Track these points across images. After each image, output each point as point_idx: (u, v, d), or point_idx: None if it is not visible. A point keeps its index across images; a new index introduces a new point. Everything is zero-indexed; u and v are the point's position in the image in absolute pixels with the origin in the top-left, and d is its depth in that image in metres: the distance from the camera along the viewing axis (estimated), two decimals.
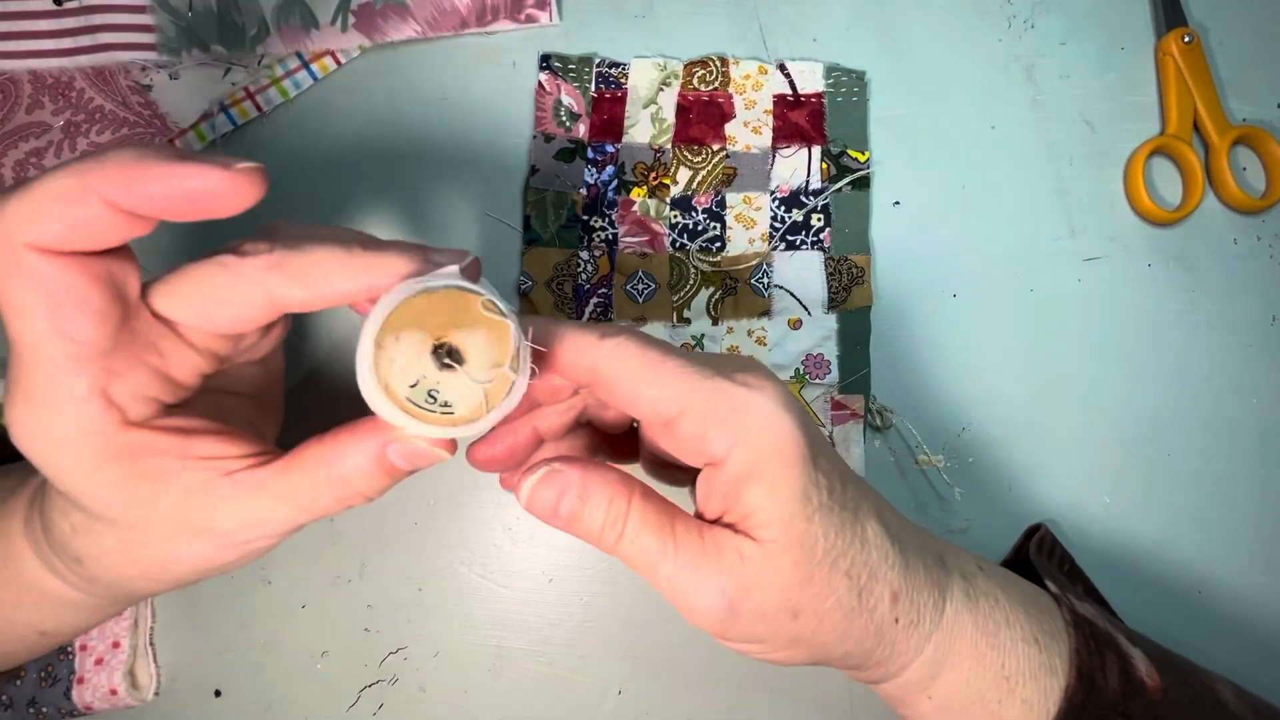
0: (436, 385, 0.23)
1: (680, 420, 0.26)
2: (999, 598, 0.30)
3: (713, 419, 0.25)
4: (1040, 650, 0.29)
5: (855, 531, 0.26)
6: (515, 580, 0.40)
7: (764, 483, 0.25)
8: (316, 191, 0.42)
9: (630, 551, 0.26)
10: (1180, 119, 0.43)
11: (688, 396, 0.25)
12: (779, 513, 0.25)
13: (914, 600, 0.27)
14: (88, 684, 0.38)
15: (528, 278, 0.41)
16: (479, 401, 0.23)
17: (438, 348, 0.23)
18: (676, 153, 0.43)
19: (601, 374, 0.26)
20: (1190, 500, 0.41)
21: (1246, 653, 0.40)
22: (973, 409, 0.41)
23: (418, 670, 0.39)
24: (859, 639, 0.27)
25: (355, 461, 0.25)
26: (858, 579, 0.26)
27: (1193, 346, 0.42)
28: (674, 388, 0.25)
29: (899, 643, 0.27)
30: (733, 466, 0.25)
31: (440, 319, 0.23)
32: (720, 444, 0.25)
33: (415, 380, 0.23)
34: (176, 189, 0.21)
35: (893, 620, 0.27)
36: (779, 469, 0.25)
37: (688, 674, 0.39)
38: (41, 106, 0.41)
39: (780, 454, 0.25)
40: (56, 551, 0.27)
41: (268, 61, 0.42)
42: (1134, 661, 0.29)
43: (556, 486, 0.26)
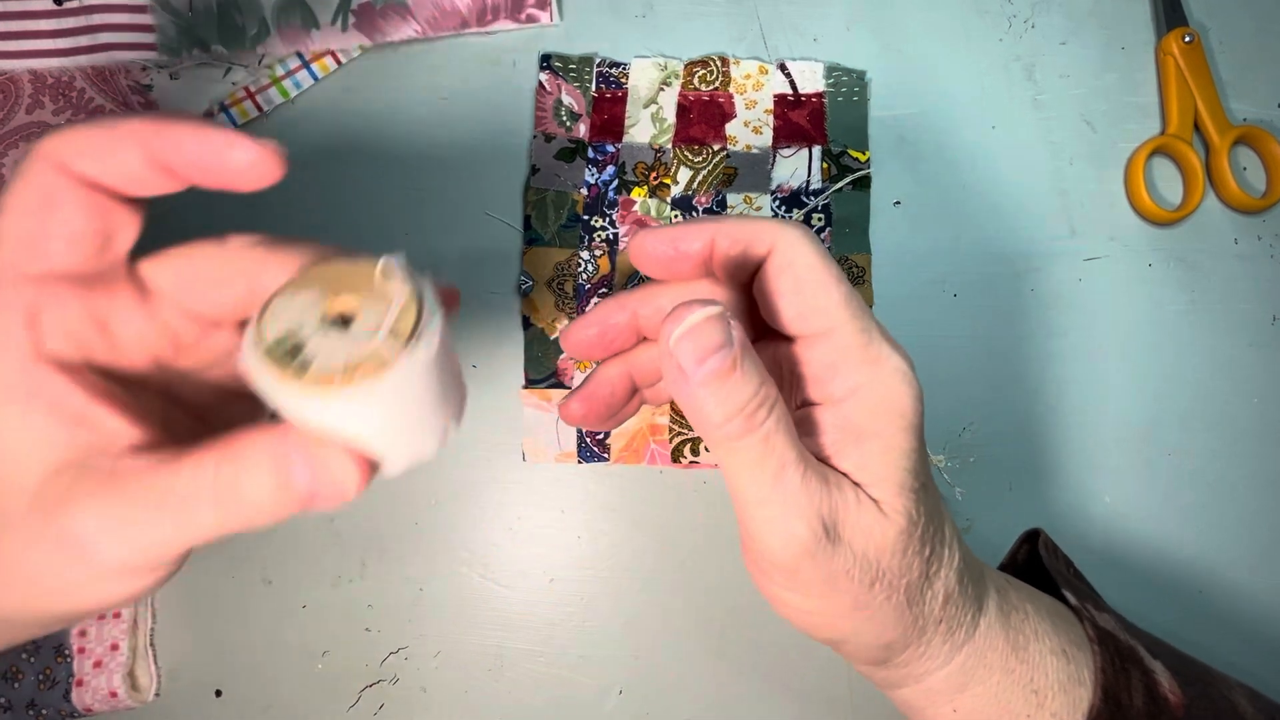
0: (308, 341, 0.20)
1: (819, 341, 0.25)
2: (1028, 611, 0.29)
3: (851, 357, 0.24)
4: (1069, 662, 0.28)
5: (938, 523, 0.26)
6: (516, 580, 0.40)
7: (880, 442, 0.24)
8: (317, 191, 0.42)
9: (752, 452, 0.23)
10: (1181, 119, 0.43)
11: (838, 323, 0.24)
12: (891, 476, 0.24)
13: (959, 607, 0.27)
14: (87, 686, 0.37)
15: (528, 277, 0.41)
16: (339, 364, 0.19)
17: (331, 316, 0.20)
18: (677, 152, 0.43)
19: (774, 257, 0.25)
20: (1190, 500, 0.41)
21: (1248, 653, 0.40)
22: (973, 409, 0.41)
23: (418, 670, 0.39)
24: (904, 631, 0.26)
25: (252, 461, 0.20)
26: (930, 569, 0.26)
27: (1193, 346, 0.42)
28: (831, 308, 0.25)
29: (932, 645, 0.27)
30: (850, 413, 0.24)
31: (345, 282, 0.21)
32: (845, 385, 0.25)
33: (286, 333, 0.20)
34: (215, 156, 0.22)
35: (937, 621, 0.27)
36: (898, 434, 0.24)
37: (688, 674, 0.39)
38: (42, 106, 0.41)
39: (903, 419, 0.24)
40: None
41: (268, 61, 0.42)
42: (1157, 677, 0.29)
43: (716, 336, 0.22)
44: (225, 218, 0.42)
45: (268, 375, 0.19)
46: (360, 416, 0.20)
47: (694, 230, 0.26)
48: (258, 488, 0.20)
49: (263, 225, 0.42)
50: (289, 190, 0.42)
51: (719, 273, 0.27)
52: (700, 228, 0.26)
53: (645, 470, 0.40)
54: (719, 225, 0.26)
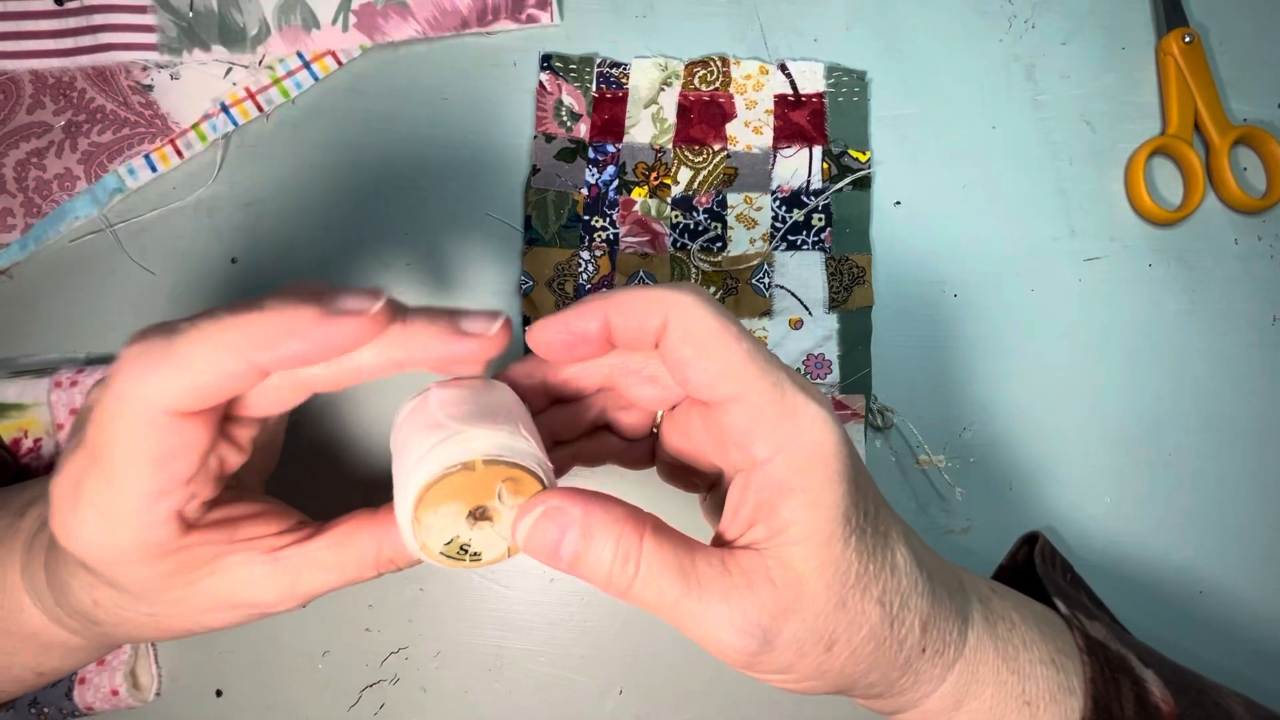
0: (469, 542, 0.25)
1: (733, 406, 0.24)
2: (1015, 620, 0.29)
3: (767, 415, 0.24)
4: (1058, 671, 0.28)
5: (886, 557, 0.25)
6: (516, 580, 0.40)
7: (807, 496, 0.24)
8: (317, 191, 0.42)
9: (647, 596, 0.24)
10: (1181, 119, 0.43)
11: (748, 384, 0.24)
12: (819, 529, 0.24)
13: (940, 629, 0.27)
14: (89, 684, 0.38)
15: (528, 278, 0.41)
16: (504, 552, 0.25)
17: (473, 511, 0.24)
18: (677, 153, 0.43)
19: (669, 328, 0.24)
20: (1190, 500, 0.41)
21: (1248, 653, 0.40)
22: (973, 409, 0.41)
23: (419, 670, 0.39)
24: (886, 669, 0.26)
25: (404, 544, 0.25)
26: (890, 607, 0.25)
27: (1193, 346, 0.42)
28: (738, 370, 0.24)
29: (924, 672, 0.27)
30: (775, 472, 0.24)
31: (477, 490, 0.24)
32: (767, 445, 0.24)
33: (450, 539, 0.24)
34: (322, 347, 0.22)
35: (920, 650, 0.26)
36: (824, 484, 0.24)
37: (688, 674, 0.39)
38: (42, 106, 0.41)
39: (828, 469, 0.24)
40: (69, 612, 0.27)
41: (268, 61, 0.42)
42: (1148, 685, 0.29)
43: (557, 524, 0.24)
44: (226, 218, 0.42)
45: (443, 565, 0.25)
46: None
47: (586, 312, 0.25)
48: (409, 555, 0.26)
49: (263, 226, 0.43)
50: (289, 191, 0.42)
51: (622, 347, 0.26)
52: (592, 308, 0.25)
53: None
54: (610, 303, 0.25)
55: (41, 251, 0.41)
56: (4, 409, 0.38)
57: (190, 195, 0.42)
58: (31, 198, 0.41)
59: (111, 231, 0.42)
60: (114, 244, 0.42)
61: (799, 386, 0.25)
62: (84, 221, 0.42)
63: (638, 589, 0.24)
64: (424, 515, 0.24)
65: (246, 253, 0.42)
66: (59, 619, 0.27)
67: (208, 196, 0.42)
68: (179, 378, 0.21)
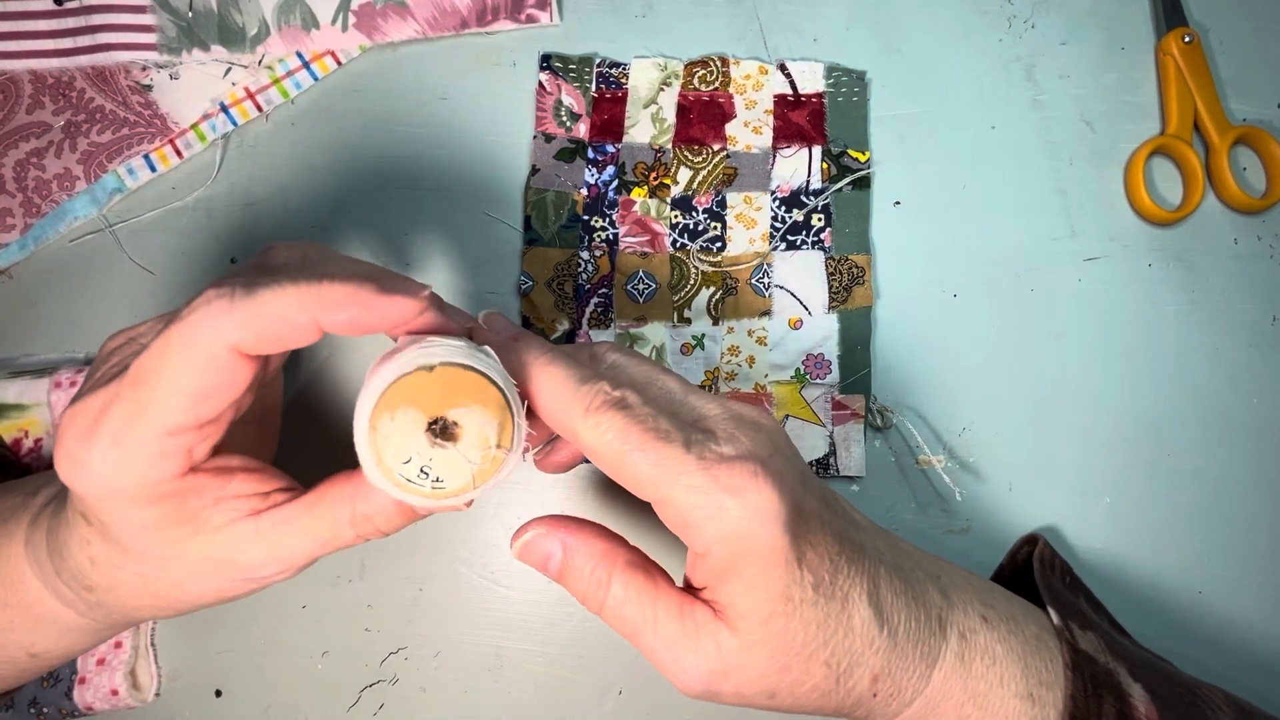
0: (430, 462, 0.23)
1: (663, 507, 0.25)
2: (996, 655, 0.29)
3: (694, 516, 0.25)
4: (1034, 704, 0.28)
5: (840, 621, 0.26)
6: (516, 580, 0.40)
7: (743, 582, 0.25)
8: (317, 191, 0.42)
9: (611, 619, 0.27)
10: (1180, 119, 0.43)
11: (670, 487, 0.25)
12: (758, 610, 0.25)
13: (895, 678, 0.27)
14: (89, 684, 0.38)
15: (528, 278, 0.41)
16: (468, 480, 0.24)
17: (432, 424, 0.23)
18: (677, 153, 0.43)
19: (583, 446, 0.26)
20: (1190, 500, 0.41)
21: (1247, 654, 0.40)
22: (973, 409, 0.41)
23: (418, 670, 0.39)
24: (836, 709, 0.27)
25: (379, 501, 0.26)
26: (837, 666, 0.26)
27: (1193, 346, 0.42)
28: (657, 473, 0.25)
29: (877, 709, 0.28)
30: (713, 562, 0.25)
31: (436, 396, 0.23)
32: (699, 543, 0.25)
33: (409, 458, 0.23)
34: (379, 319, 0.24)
35: (871, 695, 0.27)
36: (759, 573, 0.25)
37: None
38: (42, 106, 0.41)
39: (761, 560, 0.25)
40: (67, 579, 0.27)
41: (268, 61, 0.42)
42: (1133, 702, 0.29)
43: (545, 545, 0.28)
44: (225, 218, 0.42)
45: (404, 493, 0.24)
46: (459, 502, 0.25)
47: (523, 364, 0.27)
48: (385, 511, 0.26)
49: (263, 227, 0.43)
50: (288, 191, 0.42)
51: None
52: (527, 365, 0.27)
53: None
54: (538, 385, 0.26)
55: (41, 252, 0.41)
56: (4, 409, 0.38)
57: (190, 195, 0.42)
58: (31, 198, 0.41)
59: (111, 232, 0.42)
60: (114, 244, 0.42)
61: (723, 487, 0.24)
62: (83, 222, 0.42)
63: (607, 611, 0.27)
64: (380, 421, 0.23)
65: (246, 253, 0.42)
66: (56, 590, 0.28)
67: (207, 197, 0.42)
68: (256, 321, 0.23)
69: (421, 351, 0.23)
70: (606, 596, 0.27)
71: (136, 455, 0.24)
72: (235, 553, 0.26)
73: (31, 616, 0.29)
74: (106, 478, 0.24)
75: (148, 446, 0.24)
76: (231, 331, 0.23)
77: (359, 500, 0.26)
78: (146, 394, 0.23)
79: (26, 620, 0.29)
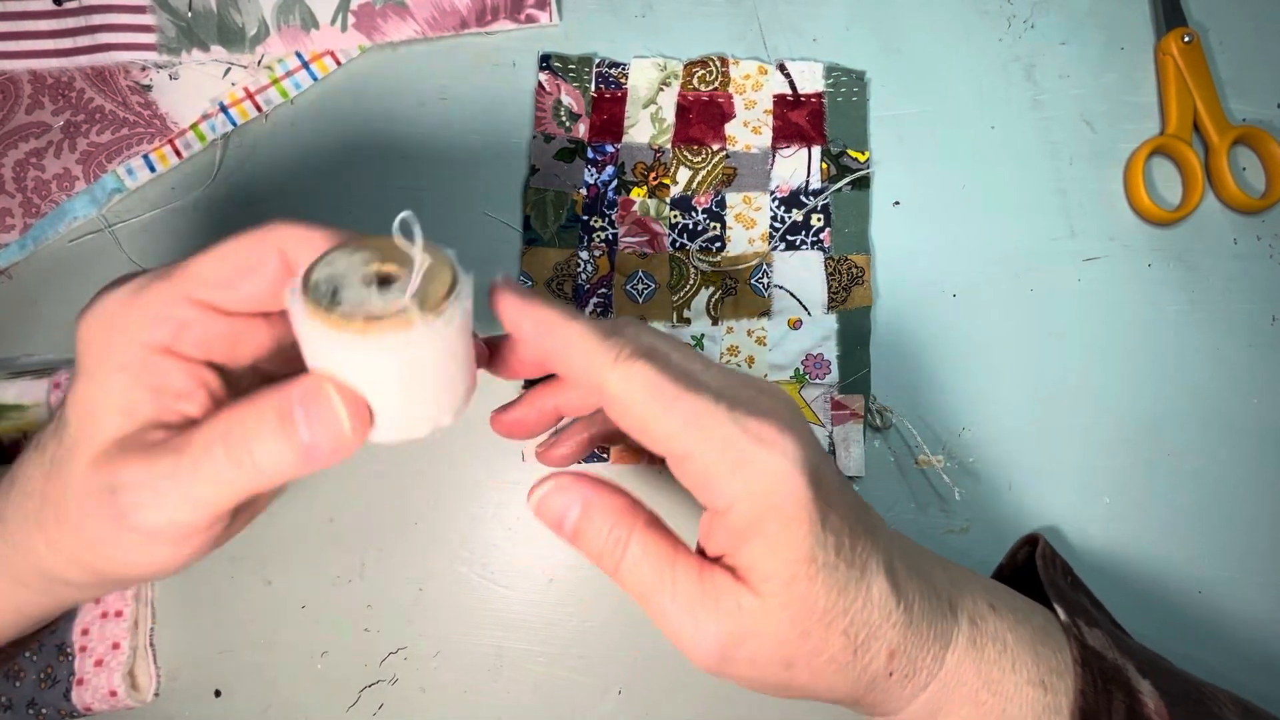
0: (354, 300, 0.21)
1: (684, 461, 0.25)
2: (1007, 641, 0.29)
3: (719, 469, 0.24)
4: (1046, 692, 0.28)
5: (860, 590, 0.26)
6: (515, 580, 0.40)
7: (767, 541, 0.24)
8: (316, 191, 0.42)
9: (627, 580, 0.26)
10: (1180, 119, 0.43)
11: (697, 441, 0.24)
12: (780, 572, 0.24)
13: (911, 656, 0.27)
14: (87, 685, 0.37)
15: (528, 278, 0.41)
16: (402, 312, 0.21)
17: (377, 275, 0.22)
18: (676, 153, 0.43)
19: (608, 396, 0.25)
20: (1190, 500, 0.41)
21: (1247, 654, 0.40)
22: (973, 409, 0.41)
23: (418, 670, 0.39)
24: (849, 689, 0.26)
25: (257, 417, 0.22)
26: (855, 637, 0.26)
27: (1193, 346, 0.42)
28: (684, 428, 0.24)
29: (892, 692, 0.27)
30: (735, 519, 0.25)
31: (387, 253, 0.22)
32: (724, 497, 0.25)
33: (330, 278, 0.22)
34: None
35: (886, 674, 0.27)
36: (783, 530, 0.24)
37: (688, 674, 0.39)
38: (41, 106, 0.41)
39: (786, 516, 0.24)
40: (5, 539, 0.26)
41: (267, 61, 0.42)
42: (1142, 698, 0.29)
43: (562, 500, 0.26)
44: (225, 218, 0.42)
45: (301, 309, 0.21)
46: (370, 369, 0.22)
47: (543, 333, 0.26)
48: (265, 442, 0.22)
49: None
50: (289, 191, 0.42)
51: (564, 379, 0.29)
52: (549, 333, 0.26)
53: (645, 470, 0.40)
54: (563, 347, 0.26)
55: (40, 252, 0.41)
56: (4, 410, 0.38)
57: (189, 196, 0.42)
58: (30, 198, 0.41)
59: (110, 232, 0.42)
60: (113, 244, 0.42)
61: (754, 435, 0.24)
62: (83, 222, 0.42)
63: (623, 572, 0.26)
64: (334, 252, 0.22)
65: None
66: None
67: (206, 197, 0.42)
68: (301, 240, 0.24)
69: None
70: (624, 555, 0.26)
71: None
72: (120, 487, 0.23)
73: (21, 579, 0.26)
74: None
75: None
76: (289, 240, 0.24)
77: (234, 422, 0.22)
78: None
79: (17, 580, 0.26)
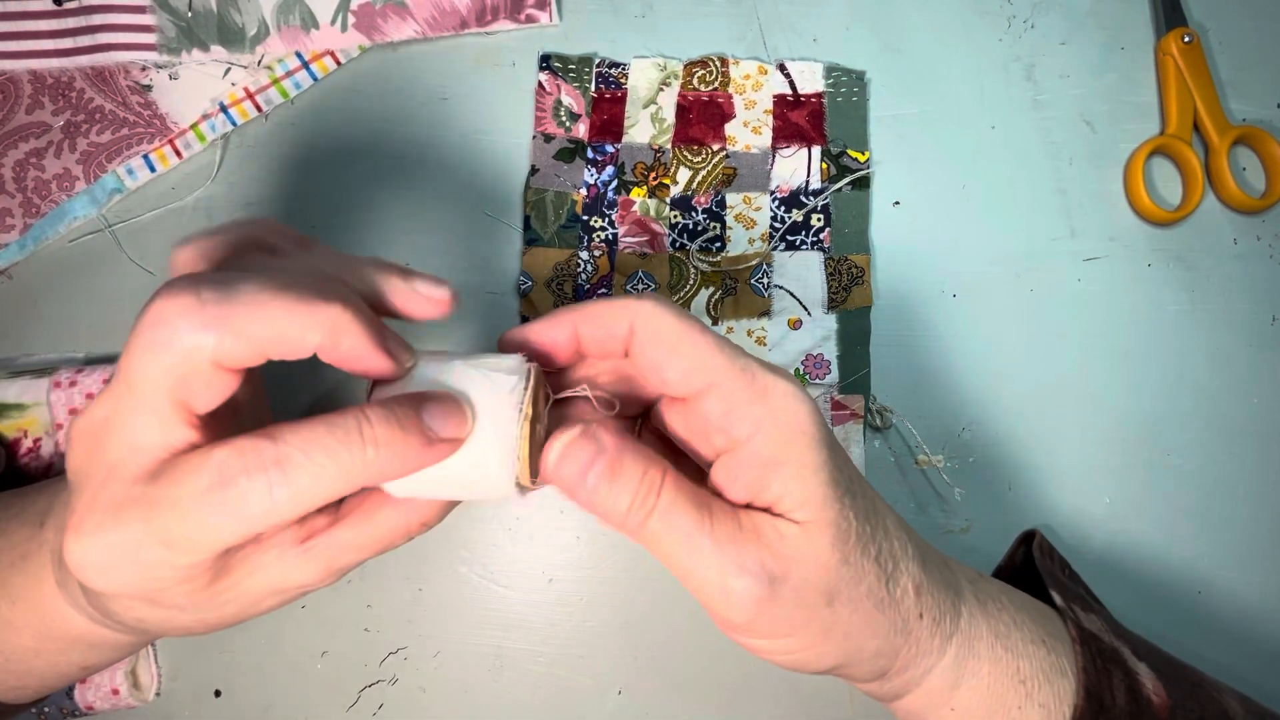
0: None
1: (707, 394, 0.25)
2: (1004, 601, 0.30)
3: (740, 398, 0.25)
4: (1049, 651, 0.29)
5: (878, 520, 0.27)
6: (515, 580, 0.40)
7: (792, 465, 0.25)
8: (317, 191, 0.42)
9: (660, 530, 0.25)
10: (1180, 119, 0.43)
11: (719, 373, 0.25)
12: (812, 494, 0.25)
13: (934, 596, 0.27)
14: (90, 683, 0.38)
15: (527, 278, 0.41)
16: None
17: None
18: (676, 153, 0.43)
19: (637, 333, 0.26)
20: (1190, 500, 0.41)
21: (1247, 653, 0.40)
22: (973, 409, 0.41)
23: (418, 670, 0.39)
24: (888, 634, 0.26)
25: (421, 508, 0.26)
26: (885, 566, 0.26)
27: (1193, 346, 0.42)
28: (707, 362, 0.25)
29: (924, 641, 0.27)
30: (758, 448, 0.25)
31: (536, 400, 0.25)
32: (745, 425, 0.25)
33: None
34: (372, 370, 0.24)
35: (918, 615, 0.27)
36: (806, 452, 0.25)
37: (688, 674, 0.39)
38: (41, 106, 0.41)
39: (807, 438, 0.25)
40: (116, 624, 0.27)
41: (267, 61, 0.42)
42: (1140, 678, 0.29)
43: (588, 451, 0.24)
44: (225, 218, 0.42)
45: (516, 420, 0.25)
46: None
47: (555, 323, 0.27)
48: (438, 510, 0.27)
49: None
50: (288, 191, 0.42)
51: (592, 354, 0.28)
52: (560, 319, 0.27)
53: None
54: (577, 314, 0.27)
55: (40, 252, 0.41)
56: (4, 409, 0.38)
57: (189, 195, 0.42)
58: (30, 198, 0.41)
59: (110, 232, 0.42)
60: (113, 244, 0.42)
61: (767, 369, 0.26)
62: (83, 222, 0.42)
63: (654, 522, 0.25)
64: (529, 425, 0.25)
65: None
66: (104, 624, 0.28)
67: (206, 197, 0.42)
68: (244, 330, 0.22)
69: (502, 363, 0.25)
70: (659, 501, 0.25)
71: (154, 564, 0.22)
72: (293, 580, 0.25)
73: (82, 645, 0.29)
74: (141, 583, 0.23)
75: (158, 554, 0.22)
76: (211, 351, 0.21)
77: (410, 513, 0.26)
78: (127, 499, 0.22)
79: (78, 647, 0.29)
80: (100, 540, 0.22)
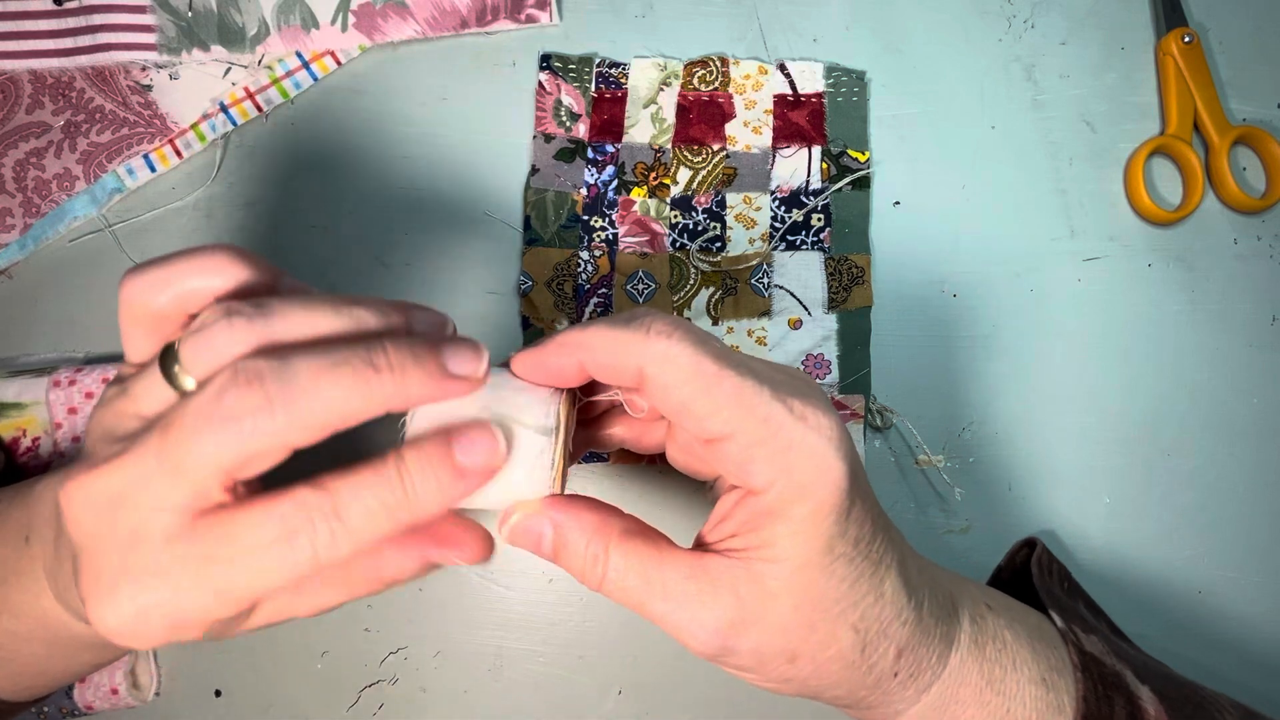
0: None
1: (726, 442, 0.24)
2: (1006, 639, 0.29)
3: (761, 451, 0.24)
4: (1048, 690, 0.28)
5: (873, 585, 0.25)
6: (515, 580, 0.40)
7: (792, 525, 0.24)
8: (317, 191, 0.42)
9: (615, 594, 0.26)
10: (1180, 119, 0.43)
11: (740, 421, 0.24)
12: (796, 555, 0.24)
13: (918, 656, 0.27)
14: (89, 683, 0.38)
15: (528, 278, 0.41)
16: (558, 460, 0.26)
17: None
18: (677, 153, 0.43)
19: (648, 380, 0.25)
20: (1190, 500, 0.41)
21: (1247, 654, 0.40)
22: (972, 409, 0.41)
23: (418, 670, 0.39)
24: (853, 688, 0.26)
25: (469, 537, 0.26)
26: (864, 633, 0.25)
27: (1193, 346, 0.42)
28: (727, 409, 0.24)
29: (894, 693, 0.27)
30: (768, 501, 0.24)
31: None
32: (762, 478, 0.24)
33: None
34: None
35: (892, 674, 0.26)
36: (813, 517, 0.24)
37: (688, 674, 0.39)
38: (41, 106, 0.41)
39: (817, 502, 0.24)
40: None
41: (267, 61, 0.42)
42: (1142, 704, 0.28)
43: (532, 530, 0.26)
44: (225, 218, 0.42)
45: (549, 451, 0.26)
46: None
47: (561, 350, 0.26)
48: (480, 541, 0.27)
49: (262, 226, 0.43)
50: (288, 191, 0.42)
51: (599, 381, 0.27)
52: (566, 347, 0.26)
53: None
54: (583, 347, 0.25)
55: (40, 251, 0.41)
56: (3, 408, 0.38)
57: (189, 195, 0.42)
58: (30, 198, 0.41)
59: (110, 232, 0.42)
60: (113, 244, 0.42)
61: (798, 415, 0.24)
62: (83, 221, 0.42)
63: (608, 585, 0.26)
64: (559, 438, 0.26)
65: None
66: None
67: (206, 197, 0.42)
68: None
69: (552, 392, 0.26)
70: (606, 570, 0.26)
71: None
72: (312, 605, 0.26)
73: (95, 647, 0.30)
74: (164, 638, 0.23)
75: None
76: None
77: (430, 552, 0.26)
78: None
79: (90, 649, 0.30)
80: (138, 602, 0.22)
